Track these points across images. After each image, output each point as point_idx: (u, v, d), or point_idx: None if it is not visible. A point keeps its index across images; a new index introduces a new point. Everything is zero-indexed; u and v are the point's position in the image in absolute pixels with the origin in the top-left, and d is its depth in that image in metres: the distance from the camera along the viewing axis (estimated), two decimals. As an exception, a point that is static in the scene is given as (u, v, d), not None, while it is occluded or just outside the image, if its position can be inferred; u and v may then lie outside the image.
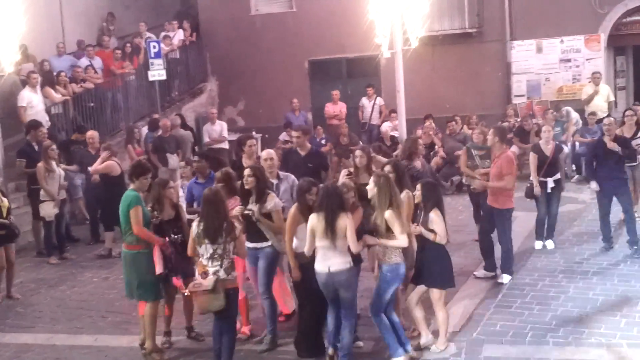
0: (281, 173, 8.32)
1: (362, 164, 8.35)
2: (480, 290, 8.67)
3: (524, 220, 10.84)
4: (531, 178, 10.13)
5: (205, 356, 7.15)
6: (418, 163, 9.26)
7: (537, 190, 9.96)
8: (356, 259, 6.77)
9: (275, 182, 8.10)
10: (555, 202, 10.27)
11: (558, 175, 10.28)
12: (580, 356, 6.75)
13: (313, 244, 6.59)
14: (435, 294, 6.99)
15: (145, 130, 14.93)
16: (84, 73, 15.27)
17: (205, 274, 6.55)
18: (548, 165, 10.10)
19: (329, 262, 6.53)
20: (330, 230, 6.45)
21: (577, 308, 7.89)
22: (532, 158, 10.17)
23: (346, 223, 6.49)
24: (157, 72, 16.04)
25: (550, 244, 10.26)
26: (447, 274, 7.08)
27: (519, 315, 7.80)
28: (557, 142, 11.06)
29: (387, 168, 7.48)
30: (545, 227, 10.29)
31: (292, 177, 8.31)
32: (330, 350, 6.85)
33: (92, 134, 12.43)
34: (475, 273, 9.11)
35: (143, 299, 7.27)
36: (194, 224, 6.74)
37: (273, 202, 7.30)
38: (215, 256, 6.56)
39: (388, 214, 6.54)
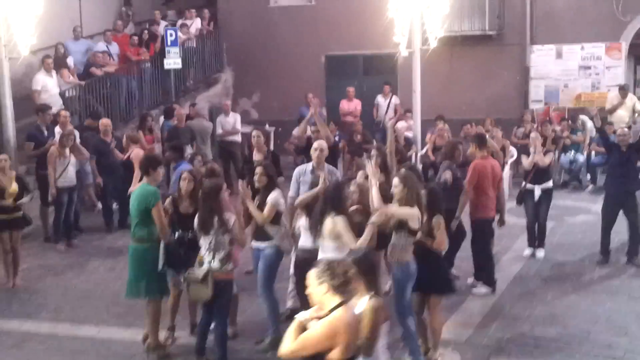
0: (327, 166, 8.24)
1: (377, 163, 8.27)
2: (487, 301, 8.56)
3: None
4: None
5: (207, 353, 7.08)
6: (448, 173, 8.96)
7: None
8: None
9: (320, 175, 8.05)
10: (544, 211, 10.14)
11: (548, 184, 10.16)
12: (587, 374, 6.67)
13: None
14: (434, 300, 6.89)
15: (161, 119, 14.86)
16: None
17: (200, 264, 6.71)
18: (536, 172, 10.00)
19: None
20: (316, 230, 6.56)
21: (586, 324, 7.77)
22: (523, 163, 10.22)
23: (332, 226, 6.43)
24: (173, 61, 15.98)
25: (540, 253, 10.15)
26: (446, 280, 6.98)
27: (525, 328, 7.70)
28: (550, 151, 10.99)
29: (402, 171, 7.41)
30: (535, 235, 10.20)
31: (337, 171, 8.31)
32: None
33: (106, 122, 12.38)
34: (473, 291, 8.80)
35: (150, 295, 7.18)
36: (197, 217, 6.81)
37: (274, 195, 7.21)
38: (211, 248, 6.64)
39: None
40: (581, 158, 14.93)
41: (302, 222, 7.18)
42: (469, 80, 17.34)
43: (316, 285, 4.34)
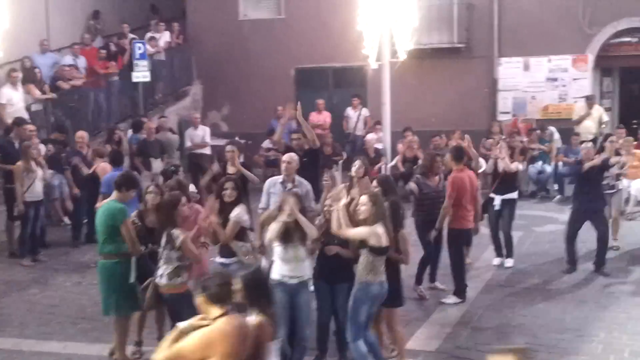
0: (297, 178, 8.27)
1: (359, 175, 8.30)
2: (456, 310, 8.57)
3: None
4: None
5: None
6: (435, 179, 9.11)
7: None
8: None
9: (290, 187, 8.04)
10: (506, 221, 10.16)
11: (512, 195, 10.18)
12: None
13: None
14: (387, 313, 6.84)
15: (129, 132, 14.74)
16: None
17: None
18: (501, 182, 10.06)
19: None
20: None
21: (555, 333, 7.81)
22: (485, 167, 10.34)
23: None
24: (142, 74, 15.90)
25: (509, 262, 10.20)
26: (397, 293, 6.88)
27: (495, 338, 7.69)
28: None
29: (374, 184, 7.43)
30: (502, 245, 10.26)
31: (307, 183, 8.30)
32: None
33: (81, 134, 12.42)
34: (443, 300, 8.84)
35: (121, 312, 7.08)
36: None
37: (237, 211, 7.16)
38: (163, 260, 6.69)
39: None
40: (549, 168, 15.08)
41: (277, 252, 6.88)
42: (438, 92, 17.45)
43: (198, 295, 4.41)
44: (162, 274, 6.68)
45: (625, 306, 8.60)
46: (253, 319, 4.57)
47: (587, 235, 10.16)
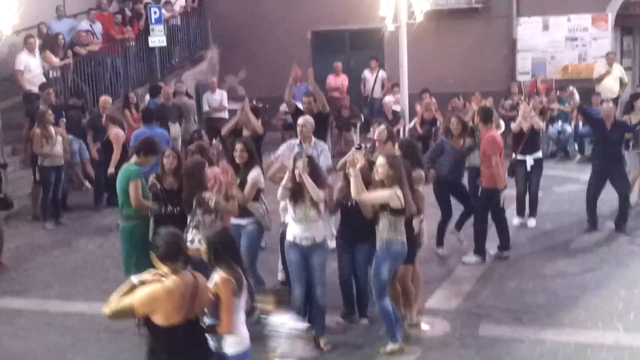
0: (314, 140, 8.36)
1: (381, 139, 8.29)
2: (476, 269, 8.61)
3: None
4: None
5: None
6: (459, 142, 9.09)
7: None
8: None
9: (306, 148, 8.11)
10: (535, 181, 10.19)
11: (538, 154, 10.18)
12: (576, 339, 6.69)
13: None
14: (401, 269, 6.86)
15: (147, 97, 14.75)
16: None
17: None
18: (525, 143, 10.01)
19: None
20: None
21: (575, 290, 7.83)
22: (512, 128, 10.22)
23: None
24: (158, 39, 15.86)
25: (532, 222, 10.23)
26: (410, 251, 6.83)
27: (515, 296, 7.75)
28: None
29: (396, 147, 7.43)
30: (526, 204, 10.26)
31: (322, 143, 8.41)
32: None
33: (104, 99, 12.48)
34: (464, 259, 8.89)
35: (141, 270, 7.12)
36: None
37: (254, 174, 7.19)
38: (193, 226, 6.70)
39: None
40: (569, 128, 14.97)
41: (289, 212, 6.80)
42: (456, 54, 17.26)
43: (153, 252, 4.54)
44: (193, 239, 6.61)
45: (646, 264, 8.59)
46: (217, 276, 4.73)
47: (608, 195, 10.11)
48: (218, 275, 4.75)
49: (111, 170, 10.38)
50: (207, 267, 6.66)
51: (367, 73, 17.20)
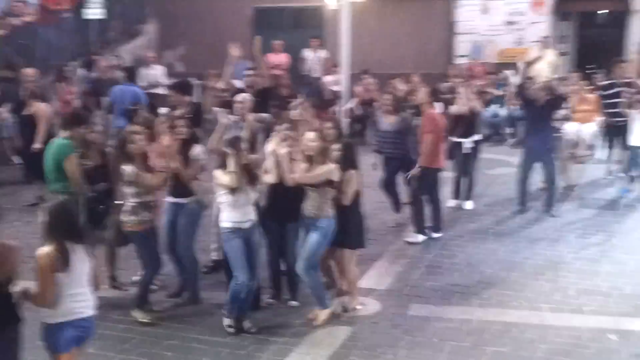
0: (253, 116, 8.24)
1: (300, 117, 8.22)
2: (410, 250, 8.70)
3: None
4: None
5: (127, 306, 6.97)
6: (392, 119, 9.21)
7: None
8: None
9: (243, 126, 7.89)
10: (472, 164, 10.35)
11: (475, 137, 10.31)
12: (502, 318, 6.83)
13: None
14: (347, 253, 6.91)
15: (80, 70, 14.39)
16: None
17: None
18: (464, 125, 10.13)
19: None
20: None
21: (504, 271, 7.99)
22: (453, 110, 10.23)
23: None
24: (94, 11, 15.48)
25: (469, 204, 10.39)
26: (359, 235, 6.97)
27: (447, 276, 7.87)
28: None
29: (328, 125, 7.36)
30: (462, 187, 10.43)
31: (265, 116, 8.43)
32: None
33: (29, 72, 11.88)
34: (407, 239, 9.02)
35: None
36: None
37: (197, 150, 7.09)
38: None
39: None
40: (503, 112, 15.20)
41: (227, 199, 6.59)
42: (397, 35, 17.34)
43: None
44: (124, 211, 6.66)
45: (573, 246, 8.81)
46: (44, 249, 4.84)
47: (539, 178, 10.31)
48: (45, 249, 4.83)
49: (38, 145, 10.09)
50: (137, 241, 6.68)
51: (307, 52, 17.10)
